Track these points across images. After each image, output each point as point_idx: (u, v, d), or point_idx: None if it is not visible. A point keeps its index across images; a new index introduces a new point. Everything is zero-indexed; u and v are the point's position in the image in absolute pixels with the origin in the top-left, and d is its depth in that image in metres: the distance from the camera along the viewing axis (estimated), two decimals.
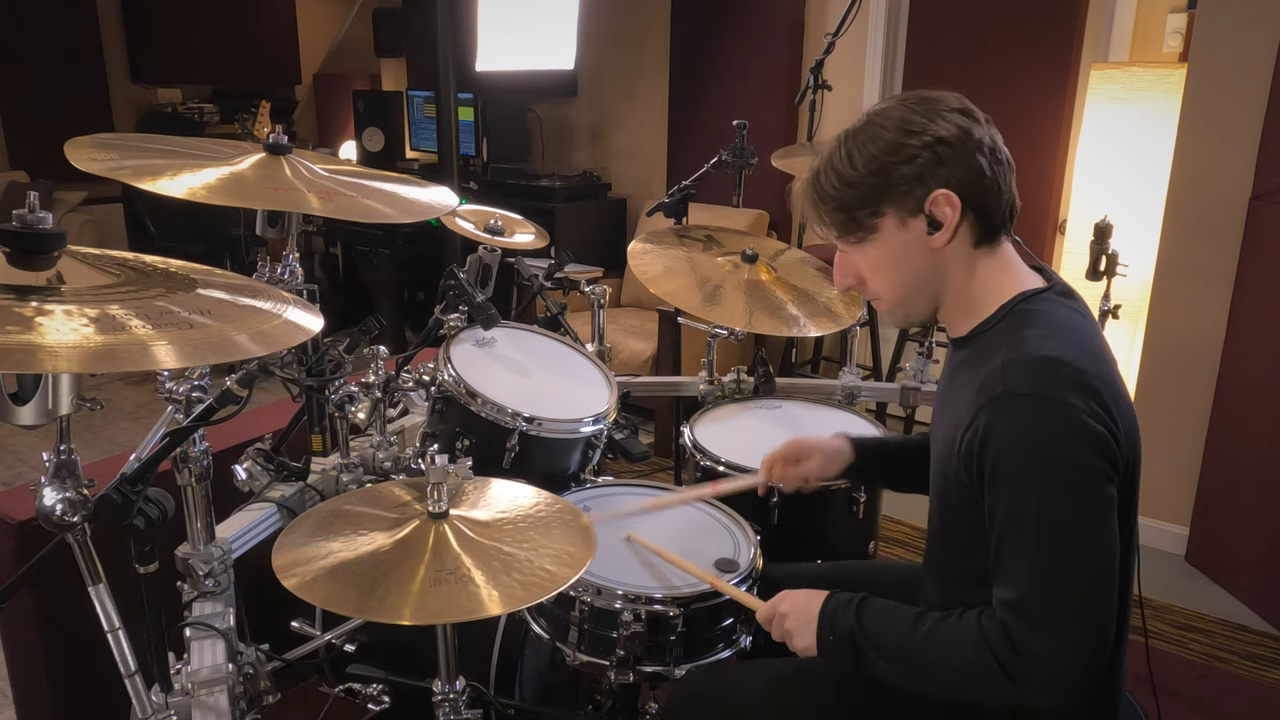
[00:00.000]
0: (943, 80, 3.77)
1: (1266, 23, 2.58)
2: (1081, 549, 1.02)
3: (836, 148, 1.17)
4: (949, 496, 1.17)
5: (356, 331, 1.55)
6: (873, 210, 1.15)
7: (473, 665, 1.50)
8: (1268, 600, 2.68)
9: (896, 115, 1.13)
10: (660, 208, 2.41)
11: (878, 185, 1.13)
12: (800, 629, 1.21)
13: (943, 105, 1.13)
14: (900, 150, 1.11)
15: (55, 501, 1.07)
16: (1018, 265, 1.19)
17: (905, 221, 1.14)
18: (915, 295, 1.21)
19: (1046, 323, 1.10)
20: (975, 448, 1.06)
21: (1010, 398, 1.03)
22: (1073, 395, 1.02)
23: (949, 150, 1.10)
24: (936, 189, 1.11)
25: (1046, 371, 1.03)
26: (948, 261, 1.16)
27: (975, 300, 1.18)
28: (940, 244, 1.14)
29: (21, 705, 1.92)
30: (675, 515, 1.65)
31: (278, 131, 1.55)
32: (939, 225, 1.13)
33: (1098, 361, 1.08)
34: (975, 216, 1.13)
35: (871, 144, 1.13)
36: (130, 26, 5.89)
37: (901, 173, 1.12)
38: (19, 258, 1.01)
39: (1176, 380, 2.90)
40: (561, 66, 4.93)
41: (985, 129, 1.13)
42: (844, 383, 2.18)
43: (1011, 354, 1.07)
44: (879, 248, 1.18)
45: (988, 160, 1.12)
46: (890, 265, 1.18)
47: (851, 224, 1.17)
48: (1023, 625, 1.02)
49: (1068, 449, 1.01)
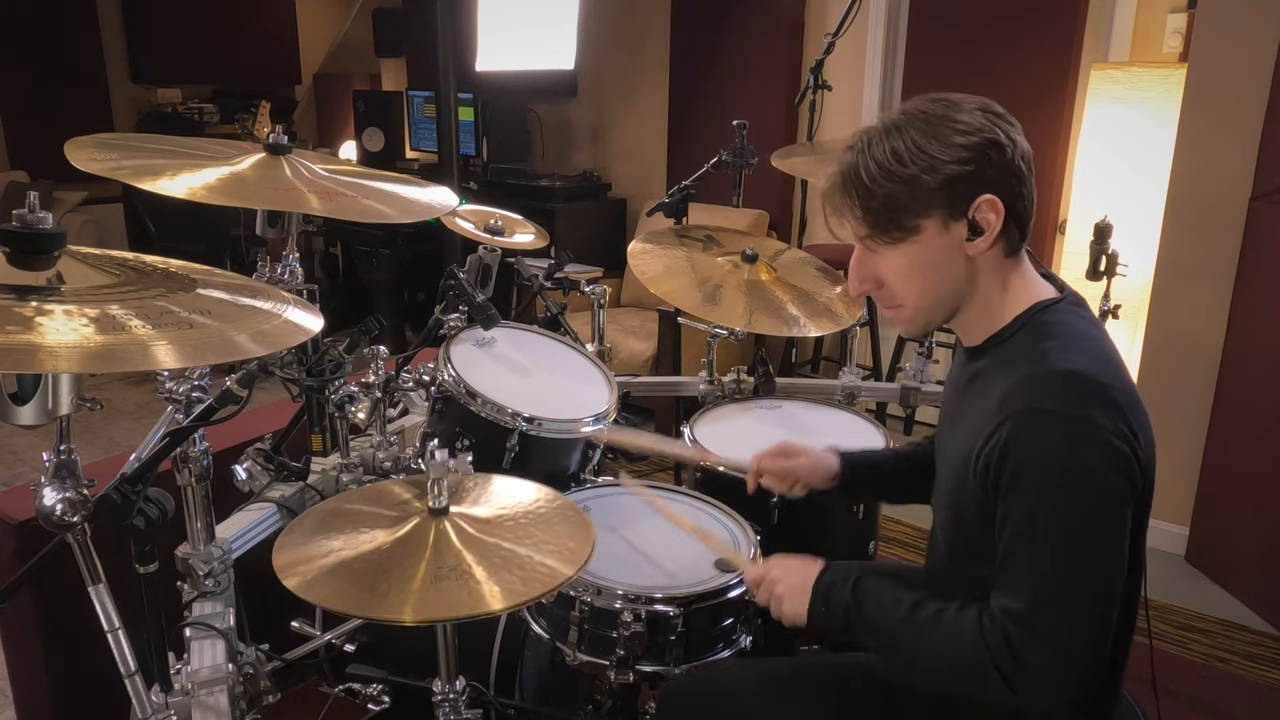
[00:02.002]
0: (943, 80, 3.79)
1: (1266, 23, 2.58)
2: (1092, 567, 1.02)
3: (878, 140, 1.10)
4: (962, 508, 1.16)
5: (356, 331, 1.55)
6: (920, 210, 1.09)
7: (473, 665, 1.50)
8: (1268, 600, 2.68)
9: (943, 114, 1.08)
10: (660, 208, 2.41)
11: (927, 184, 1.08)
12: (791, 596, 1.21)
13: (984, 108, 1.10)
14: (954, 149, 1.07)
15: (55, 501, 1.07)
16: (1034, 275, 1.18)
17: (948, 225, 1.10)
18: (942, 303, 1.17)
19: (1065, 334, 1.10)
20: (994, 460, 1.06)
21: (1034, 413, 1.03)
22: (1096, 412, 1.01)
23: (1000, 154, 1.07)
24: (984, 194, 1.08)
25: (1070, 387, 1.03)
26: (979, 270, 1.13)
27: (994, 310, 1.16)
28: (977, 251, 1.10)
29: (21, 705, 1.92)
30: (676, 512, 1.65)
31: (278, 131, 1.55)
32: (980, 232, 1.09)
33: (1117, 374, 1.07)
34: (1013, 225, 1.11)
35: (923, 140, 1.07)
36: (130, 26, 5.89)
37: (953, 173, 1.07)
38: (19, 258, 1.01)
39: (1176, 380, 2.90)
40: (561, 66, 4.93)
41: (1020, 135, 1.11)
42: (844, 383, 2.18)
43: (1034, 368, 1.06)
44: (915, 251, 1.12)
45: (1026, 168, 1.10)
46: (922, 270, 1.13)
47: (891, 224, 1.11)
48: (1025, 636, 1.02)
49: (1089, 467, 1.01)
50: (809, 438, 1.98)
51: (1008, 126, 1.10)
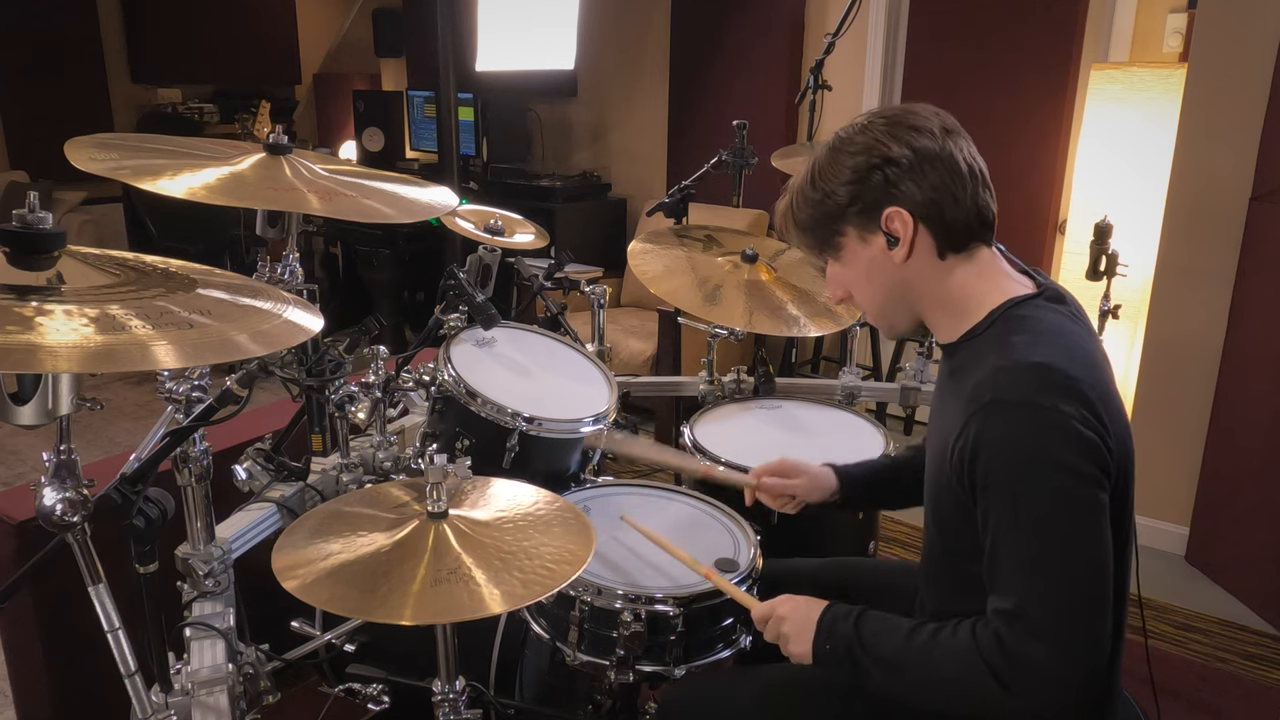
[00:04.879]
0: (942, 80, 3.77)
1: (1266, 23, 2.58)
2: (1074, 555, 1.01)
3: (805, 171, 1.23)
4: (942, 505, 1.17)
5: (356, 331, 1.54)
6: (833, 229, 1.21)
7: (473, 665, 1.51)
8: (1268, 600, 2.68)
9: (849, 138, 1.18)
10: (660, 208, 2.41)
11: (832, 206, 1.19)
12: (797, 634, 1.21)
13: (901, 123, 1.15)
14: (848, 173, 1.16)
15: (55, 501, 1.07)
16: (1001, 272, 1.19)
17: (865, 239, 1.19)
18: (891, 308, 1.24)
19: (1035, 329, 1.10)
20: (967, 456, 1.06)
21: (1000, 405, 1.03)
22: (1063, 402, 1.01)
23: (897, 170, 1.14)
24: (888, 207, 1.15)
25: (1036, 378, 1.03)
26: (915, 274, 1.18)
27: (958, 308, 1.18)
28: (900, 259, 1.17)
29: (21, 705, 1.92)
30: (675, 513, 1.65)
31: (278, 131, 1.55)
32: (897, 241, 1.16)
33: (1088, 368, 1.07)
34: (933, 230, 1.15)
35: (829, 167, 1.18)
36: (130, 26, 5.88)
37: (852, 193, 1.16)
38: (19, 258, 1.01)
39: (1176, 380, 2.90)
40: (561, 66, 4.93)
41: (943, 141, 1.14)
42: (844, 383, 2.18)
43: (1001, 361, 1.06)
44: (849, 264, 1.23)
45: (943, 175, 1.13)
46: (863, 280, 1.22)
47: (818, 243, 1.24)
48: (1016, 633, 1.02)
49: (1058, 455, 1.01)
50: (809, 438, 1.98)
51: (921, 139, 1.13)
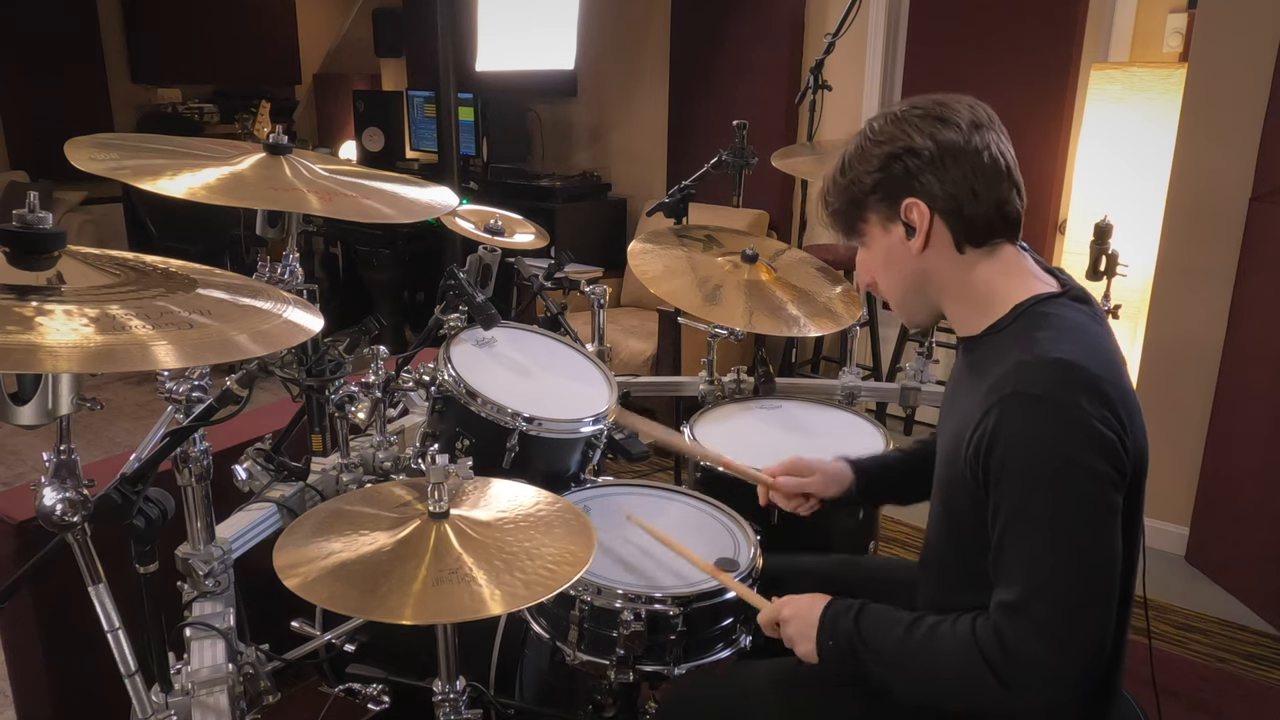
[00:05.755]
0: (942, 80, 3.78)
1: (1266, 23, 2.58)
2: (1083, 554, 1.01)
3: (840, 156, 1.24)
4: (953, 495, 1.17)
5: (356, 331, 1.54)
6: (858, 215, 1.23)
7: (473, 665, 1.51)
8: (1268, 600, 2.69)
9: (880, 127, 1.19)
10: (660, 208, 2.41)
11: (858, 192, 1.21)
12: (801, 635, 1.21)
13: (930, 114, 1.15)
14: (874, 161, 1.18)
15: (55, 501, 1.07)
16: (1025, 269, 1.19)
17: (886, 227, 1.21)
18: (910, 298, 1.25)
19: (1059, 325, 1.10)
20: (983, 447, 1.06)
21: (1021, 398, 1.03)
22: (1084, 399, 1.01)
23: (918, 161, 1.14)
24: (907, 198, 1.16)
25: (1058, 374, 1.03)
26: (932, 266, 1.19)
27: (981, 302, 1.18)
28: (917, 249, 1.18)
29: (21, 705, 1.92)
30: (676, 513, 1.65)
31: (278, 131, 1.55)
32: (914, 231, 1.17)
33: (1110, 367, 1.07)
34: (950, 223, 1.15)
35: (858, 154, 1.20)
36: (130, 26, 5.89)
37: (875, 180, 1.18)
38: (19, 258, 1.01)
39: (1176, 380, 2.90)
40: (561, 66, 4.93)
41: (970, 135, 1.13)
42: (844, 383, 2.18)
43: (1024, 355, 1.06)
44: (872, 250, 1.25)
45: (965, 169, 1.13)
46: (884, 267, 1.24)
47: (846, 226, 1.26)
48: (1016, 627, 1.01)
49: (1076, 452, 1.01)
50: (809, 438, 1.98)
51: (948, 131, 1.13)
